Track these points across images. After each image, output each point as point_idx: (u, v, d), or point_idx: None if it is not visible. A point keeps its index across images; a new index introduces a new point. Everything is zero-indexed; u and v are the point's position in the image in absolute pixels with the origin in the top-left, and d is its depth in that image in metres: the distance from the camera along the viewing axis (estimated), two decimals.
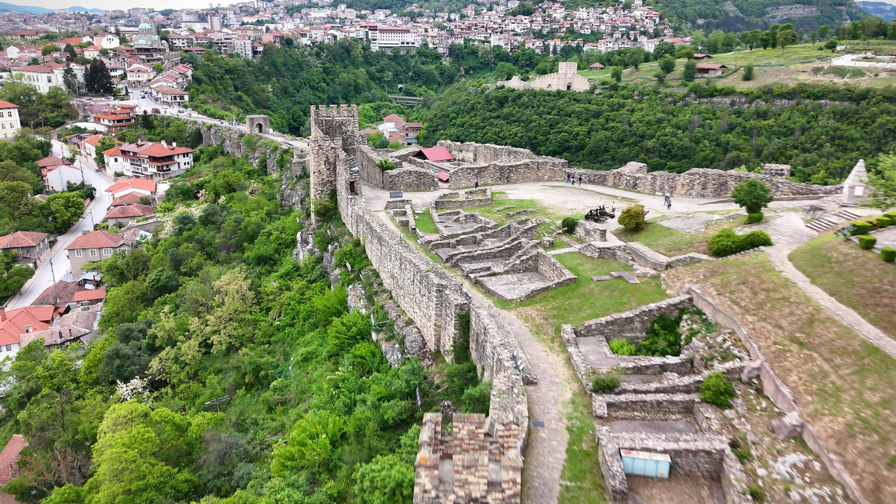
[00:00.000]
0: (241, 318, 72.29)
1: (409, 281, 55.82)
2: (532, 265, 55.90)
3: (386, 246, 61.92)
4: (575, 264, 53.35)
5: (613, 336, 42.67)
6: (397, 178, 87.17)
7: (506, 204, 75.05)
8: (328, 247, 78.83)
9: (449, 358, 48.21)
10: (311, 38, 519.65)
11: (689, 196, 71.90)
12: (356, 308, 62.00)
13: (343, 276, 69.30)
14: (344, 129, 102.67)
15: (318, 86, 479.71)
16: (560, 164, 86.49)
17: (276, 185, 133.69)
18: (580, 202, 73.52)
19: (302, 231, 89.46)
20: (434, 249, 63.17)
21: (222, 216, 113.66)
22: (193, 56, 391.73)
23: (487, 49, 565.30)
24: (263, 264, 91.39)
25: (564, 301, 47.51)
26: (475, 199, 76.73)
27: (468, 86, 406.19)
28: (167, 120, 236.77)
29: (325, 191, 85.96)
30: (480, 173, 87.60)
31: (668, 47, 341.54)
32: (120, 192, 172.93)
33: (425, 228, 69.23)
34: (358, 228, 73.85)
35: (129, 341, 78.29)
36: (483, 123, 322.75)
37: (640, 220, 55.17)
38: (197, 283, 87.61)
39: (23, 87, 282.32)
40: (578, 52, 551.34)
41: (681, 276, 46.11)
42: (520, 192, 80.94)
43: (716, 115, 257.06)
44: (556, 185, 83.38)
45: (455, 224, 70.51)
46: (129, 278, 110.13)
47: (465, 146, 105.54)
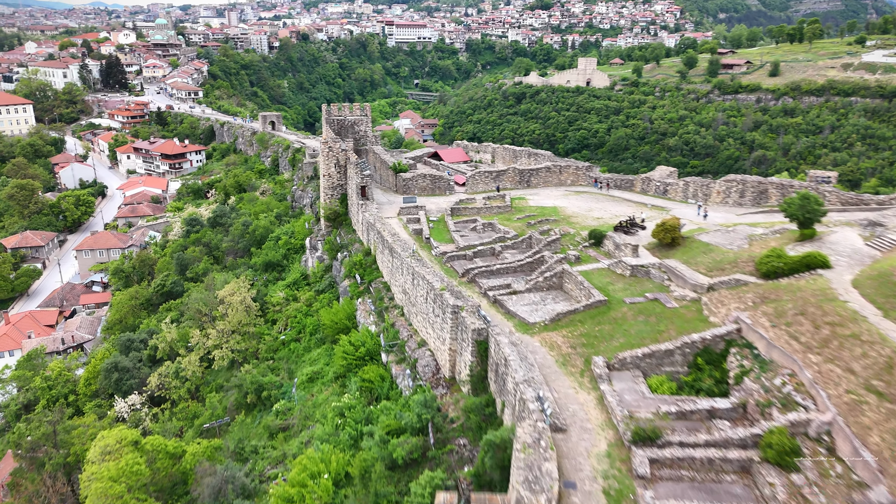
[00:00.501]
0: (245, 331, 68.33)
1: (421, 298, 51.31)
2: (556, 283, 51.13)
3: (397, 258, 57.46)
4: (604, 283, 48.51)
5: (651, 371, 37.86)
6: (411, 182, 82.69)
7: (526, 211, 70.24)
8: (337, 255, 74.59)
9: (465, 388, 43.66)
10: (327, 33, 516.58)
11: (726, 205, 66.55)
12: (365, 325, 57.67)
13: (352, 289, 64.99)
14: (356, 128, 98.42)
15: (334, 81, 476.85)
16: (584, 167, 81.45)
17: (287, 185, 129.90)
18: (606, 210, 68.52)
19: (311, 237, 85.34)
20: (449, 262, 58.66)
21: (231, 218, 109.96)
22: (209, 51, 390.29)
23: (505, 44, 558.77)
24: (271, 271, 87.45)
25: (594, 327, 42.72)
26: (493, 206, 72.02)
27: (485, 81, 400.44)
28: (181, 116, 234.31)
29: (335, 195, 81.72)
30: (499, 177, 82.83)
31: (690, 42, 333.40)
32: (131, 191, 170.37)
33: (440, 238, 64.71)
34: (369, 236, 69.50)
35: (130, 353, 74.73)
36: (500, 120, 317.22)
37: (677, 234, 50.16)
38: (201, 290, 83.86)
39: (38, 83, 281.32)
40: (597, 48, 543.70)
41: (725, 300, 41.14)
42: (541, 197, 76.05)
43: (741, 112, 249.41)
44: (579, 191, 78.36)
45: (472, 233, 65.88)
46: (134, 282, 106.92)
47: (483, 147, 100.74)
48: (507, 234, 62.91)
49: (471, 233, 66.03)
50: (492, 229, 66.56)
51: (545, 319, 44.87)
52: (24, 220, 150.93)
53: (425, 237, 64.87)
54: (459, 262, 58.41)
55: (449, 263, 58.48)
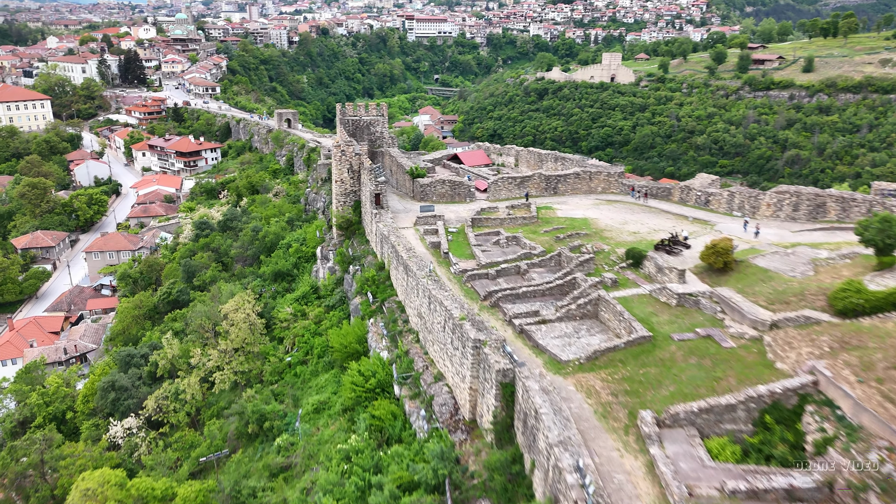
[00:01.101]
0: (249, 350, 63.53)
1: (438, 326, 45.87)
2: (591, 311, 45.35)
3: (413, 277, 52.05)
4: (647, 313, 42.67)
5: (710, 429, 32.04)
6: (429, 188, 77.20)
7: (554, 223, 64.40)
8: (349, 267, 69.41)
9: (488, 437, 38.17)
10: (347, 27, 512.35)
11: (777, 219, 60.09)
12: (377, 351, 52.39)
13: (364, 307, 59.76)
14: (372, 129, 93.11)
15: (354, 76, 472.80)
16: (616, 173, 75.28)
17: (301, 186, 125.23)
18: (643, 223, 62.44)
19: (322, 245, 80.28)
20: (470, 282, 53.15)
21: (242, 221, 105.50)
22: (229, 46, 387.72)
23: (526, 38, 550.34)
24: (280, 281, 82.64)
25: (638, 369, 36.97)
26: (518, 217, 66.27)
27: (506, 77, 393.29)
28: (197, 113, 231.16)
29: (347, 202, 76.52)
30: (523, 183, 76.98)
31: (719, 37, 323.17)
32: (144, 190, 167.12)
33: (460, 252, 59.19)
34: (382, 249, 64.18)
35: (129, 369, 70.35)
36: (521, 117, 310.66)
37: (730, 258, 44.09)
38: (206, 301, 79.30)
39: (57, 78, 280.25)
40: (621, 42, 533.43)
41: (794, 343, 35.14)
42: (569, 207, 70.12)
43: (773, 109, 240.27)
44: (611, 200, 72.23)
45: (494, 248, 60.24)
46: (142, 287, 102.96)
47: (506, 149, 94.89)
48: (533, 251, 57.18)
49: (493, 247, 60.40)
50: (516, 244, 60.89)
51: (580, 357, 39.20)
52: (36, 219, 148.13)
53: (444, 252, 59.44)
54: (481, 283, 52.87)
55: (469, 283, 52.98)
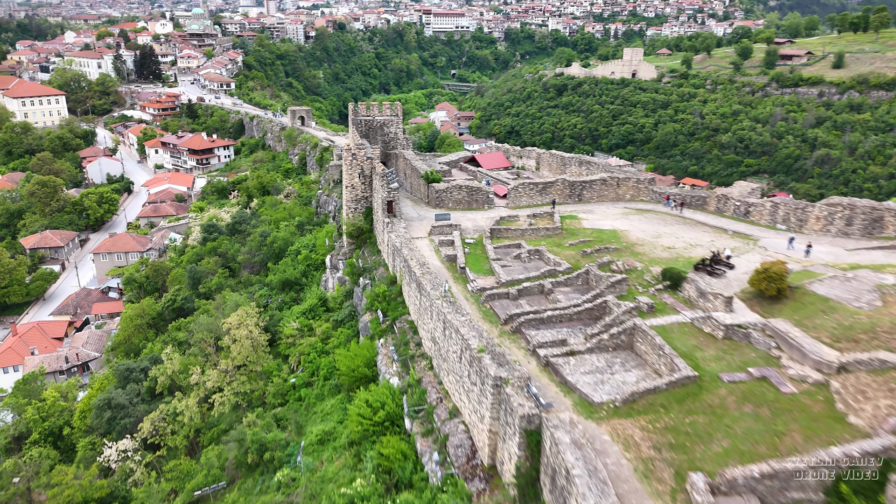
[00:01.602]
0: (252, 369, 59.53)
1: (454, 355, 41.37)
2: (626, 341, 40.57)
3: (426, 297, 47.56)
4: (690, 347, 37.82)
5: (773, 498, 27.20)
6: (445, 194, 72.60)
7: (580, 235, 59.54)
8: (359, 280, 65.10)
9: (511, 491, 33.62)
10: (364, 22, 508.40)
11: (827, 234, 54.73)
12: (386, 378, 48.01)
13: (374, 326, 55.40)
14: (386, 130, 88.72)
15: (370, 72, 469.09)
16: (646, 180, 70.09)
17: (313, 187, 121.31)
18: (678, 236, 57.35)
19: (332, 254, 76.04)
20: (489, 302, 48.56)
21: (250, 225, 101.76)
22: (245, 41, 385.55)
23: (545, 33, 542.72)
24: (288, 290, 78.63)
25: (683, 416, 32.18)
26: (540, 227, 61.47)
27: (524, 72, 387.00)
28: (211, 109, 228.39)
29: (358, 209, 72.17)
30: (546, 189, 72.09)
31: (744, 31, 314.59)
32: (156, 188, 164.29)
33: (478, 268, 54.59)
34: (395, 262, 59.78)
35: (128, 384, 66.73)
36: (540, 113, 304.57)
37: (784, 285, 39.02)
38: (210, 311, 75.58)
39: (72, 74, 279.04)
40: (641, 37, 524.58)
41: (869, 391, 30.18)
42: (596, 216, 65.16)
43: (801, 107, 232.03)
44: (641, 209, 67.09)
45: (515, 263, 55.52)
46: (147, 292, 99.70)
47: (526, 152, 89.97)
48: (558, 267, 52.38)
49: (514, 262, 55.68)
50: (539, 258, 56.13)
51: (615, 399, 34.47)
52: (45, 218, 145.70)
53: (460, 266, 54.85)
54: (501, 303, 48.25)
55: (488, 304, 48.38)
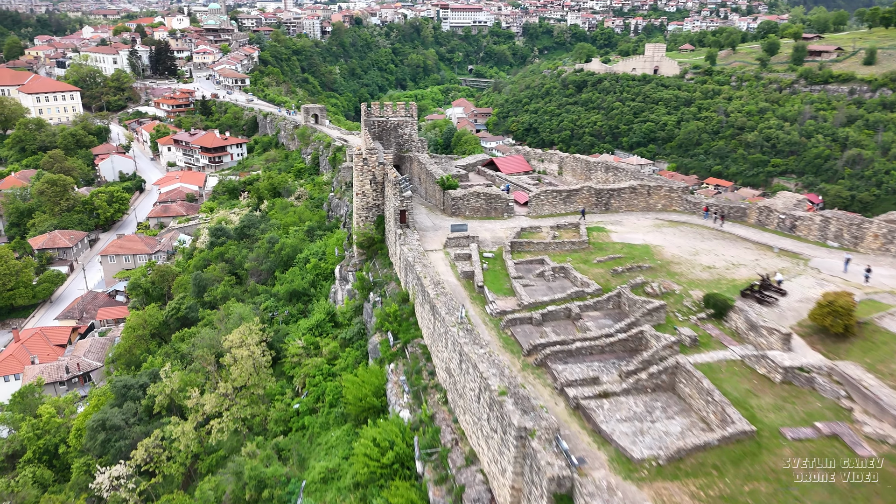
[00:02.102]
0: (253, 392, 55.53)
1: (471, 393, 36.89)
2: (667, 381, 35.81)
3: (440, 321, 43.09)
4: (742, 392, 32.99)
5: None
6: (461, 202, 67.99)
7: (609, 250, 54.68)
8: (370, 295, 60.77)
9: None
10: (380, 17, 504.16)
11: (887, 254, 49.27)
12: (396, 411, 43.63)
13: (383, 349, 51.06)
14: (400, 132, 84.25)
15: (387, 67, 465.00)
16: (680, 188, 64.89)
17: (325, 188, 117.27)
18: (718, 253, 52.25)
19: (342, 264, 71.75)
20: (510, 328, 43.99)
21: (259, 229, 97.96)
22: (261, 36, 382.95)
23: (563, 28, 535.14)
24: (296, 301, 74.59)
25: (742, 483, 27.41)
26: (565, 241, 56.65)
27: (543, 68, 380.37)
28: (225, 106, 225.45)
29: (370, 217, 67.79)
30: (570, 198, 67.21)
31: (770, 26, 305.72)
32: (167, 187, 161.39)
33: (497, 286, 49.99)
34: (407, 278, 55.34)
35: (125, 402, 63.09)
36: (559, 110, 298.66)
37: (852, 321, 34.00)
38: (214, 323, 71.77)
39: (88, 69, 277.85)
40: (662, 32, 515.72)
41: None
42: (626, 228, 60.20)
43: (831, 105, 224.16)
44: (675, 221, 61.94)
45: (538, 281, 50.78)
46: (153, 298, 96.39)
47: (548, 155, 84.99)
48: (586, 288, 47.60)
49: (537, 280, 50.95)
50: (565, 276, 51.37)
51: (658, 455, 29.74)
52: (55, 217, 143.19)
53: (478, 284, 50.27)
54: (523, 329, 43.65)
55: (509, 330, 43.81)
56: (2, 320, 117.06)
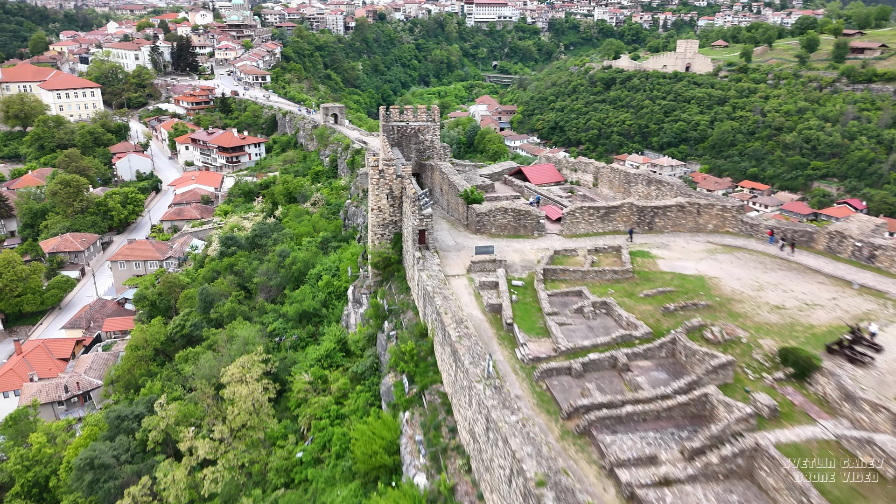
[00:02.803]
0: (252, 435, 49.81)
1: (501, 472, 30.54)
2: (743, 467, 29.06)
3: (463, 372, 36.78)
4: (845, 492, 26.14)
5: None
6: (487, 218, 61.56)
7: (657, 281, 47.84)
8: (384, 324, 54.63)
9: None
10: (404, 12, 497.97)
11: None
12: (410, 476, 37.43)
13: (398, 393, 44.89)
14: (420, 137, 77.91)
15: (410, 63, 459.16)
16: (734, 207, 57.59)
17: (343, 193, 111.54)
18: (786, 288, 45.07)
19: (355, 284, 65.67)
20: (545, 379, 37.59)
21: (271, 239, 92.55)
22: (284, 32, 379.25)
23: (590, 23, 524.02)
24: (306, 322, 68.83)
25: None
26: (606, 269, 49.86)
27: (569, 65, 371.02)
28: (244, 104, 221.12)
29: (386, 235, 61.62)
30: (609, 215, 60.36)
31: (809, 21, 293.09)
32: (182, 188, 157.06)
33: (529, 324, 43.52)
34: (426, 310, 49.06)
35: (118, 435, 57.88)
36: (586, 108, 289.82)
37: None
38: (218, 344, 66.30)
39: (110, 66, 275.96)
40: (692, 27, 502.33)
41: None
42: (674, 253, 53.21)
43: (875, 105, 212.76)
44: (730, 245, 54.68)
45: (576, 319, 44.14)
46: (160, 310, 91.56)
47: (582, 164, 77.97)
48: (633, 331, 40.89)
49: (575, 318, 44.31)
50: (607, 313, 44.69)
51: None
52: (68, 219, 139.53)
53: (506, 321, 43.84)
54: (561, 383, 37.18)
55: (545, 382, 37.38)
56: (9, 327, 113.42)
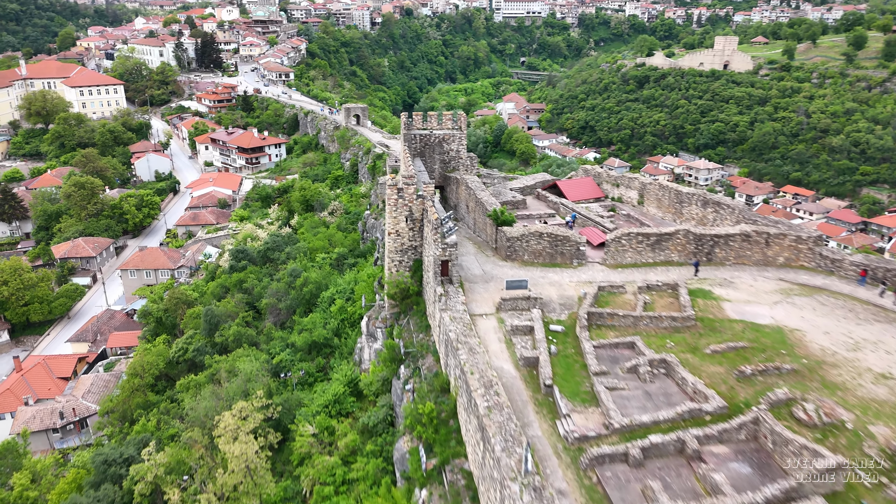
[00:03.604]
0: (245, 502, 43.22)
1: None
2: None
3: (492, 458, 29.55)
4: None
5: None
6: (519, 244, 54.14)
7: (724, 332, 40.00)
8: (400, 370, 47.60)
9: None
10: (431, 7, 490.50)
11: None
12: None
13: (413, 466, 37.85)
14: (445, 147, 70.63)
15: (436, 59, 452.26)
16: (811, 238, 49.22)
17: (362, 202, 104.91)
18: (890, 348, 36.89)
19: (370, 315, 58.69)
20: (595, 468, 30.23)
21: (284, 252, 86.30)
22: (309, 28, 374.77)
23: (621, 19, 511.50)
24: (315, 353, 62.21)
25: None
26: (662, 314, 42.12)
27: (601, 62, 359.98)
28: (266, 102, 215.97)
29: (405, 262, 54.46)
30: (661, 243, 52.48)
31: (856, 17, 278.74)
32: (199, 191, 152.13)
33: (572, 387, 36.17)
34: (448, 360, 41.88)
35: (104, 483, 51.88)
36: (618, 107, 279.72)
37: None
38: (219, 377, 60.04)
39: (134, 62, 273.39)
40: (727, 22, 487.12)
41: None
42: (741, 294, 45.18)
43: None
44: (807, 285, 46.31)
45: (631, 382, 36.54)
46: (166, 327, 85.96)
47: (625, 179, 69.84)
48: (703, 403, 33.20)
49: (628, 380, 36.74)
50: (667, 374, 37.02)
51: None
52: (81, 222, 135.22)
53: (545, 382, 36.51)
54: (615, 474, 29.77)
55: (595, 473, 30.02)
56: (16, 337, 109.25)
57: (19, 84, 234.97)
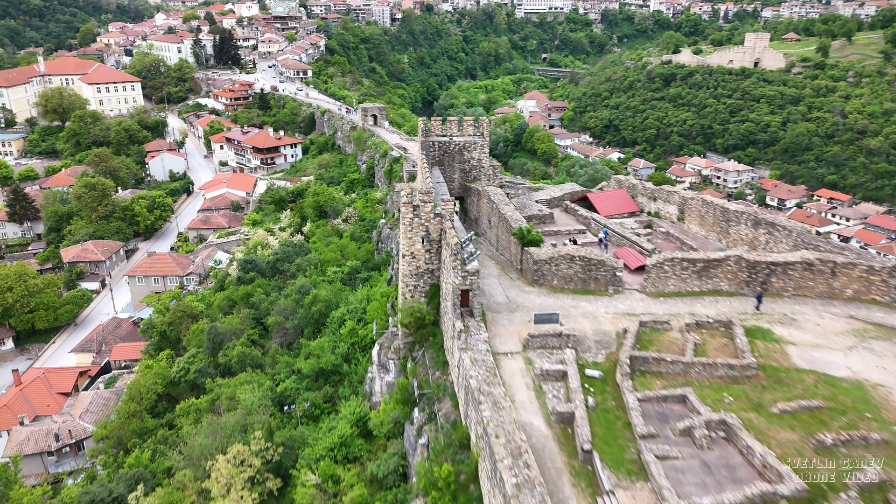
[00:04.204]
0: None
1: None
2: None
3: None
4: None
5: None
6: (547, 268, 48.63)
7: (793, 385, 34.20)
8: (413, 413, 42.39)
9: None
10: (452, 3, 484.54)
11: None
12: None
13: None
14: (466, 155, 65.27)
15: (457, 56, 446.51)
16: (886, 269, 43.05)
17: (378, 208, 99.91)
18: None
19: (381, 344, 53.48)
20: None
21: (294, 264, 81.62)
22: (329, 24, 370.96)
23: (646, 14, 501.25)
24: (323, 382, 57.29)
25: None
26: (718, 363, 36.36)
27: (625, 58, 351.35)
28: (283, 100, 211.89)
29: (420, 287, 49.17)
30: (709, 270, 46.63)
31: (893, 13, 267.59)
32: (212, 192, 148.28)
33: (614, 452, 30.73)
34: (468, 410, 36.57)
35: None
36: (643, 106, 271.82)
37: None
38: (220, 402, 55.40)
39: (152, 59, 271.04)
40: (755, 18, 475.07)
41: None
42: (807, 335, 39.26)
43: None
44: (884, 325, 40.30)
45: (685, 448, 30.93)
46: (170, 341, 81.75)
47: (663, 193, 63.74)
48: (777, 485, 27.46)
49: (682, 444, 31.13)
50: (727, 439, 31.32)
51: None
52: (91, 224, 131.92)
53: (582, 446, 31.07)
54: None
55: None
56: (21, 345, 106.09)
57: (37, 81, 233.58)
